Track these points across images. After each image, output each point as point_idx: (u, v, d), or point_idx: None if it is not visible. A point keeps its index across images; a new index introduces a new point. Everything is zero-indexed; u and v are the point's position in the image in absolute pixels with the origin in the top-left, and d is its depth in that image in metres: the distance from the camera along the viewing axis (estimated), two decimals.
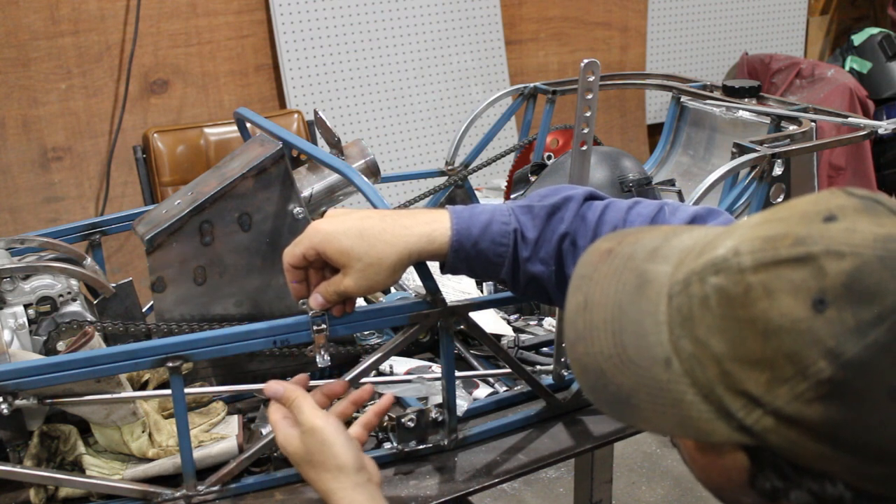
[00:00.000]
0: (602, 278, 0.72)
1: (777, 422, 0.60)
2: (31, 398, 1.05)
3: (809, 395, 0.59)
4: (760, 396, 0.60)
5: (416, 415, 1.18)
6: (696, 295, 0.64)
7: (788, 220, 0.63)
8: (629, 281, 0.70)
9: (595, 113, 1.21)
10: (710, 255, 0.65)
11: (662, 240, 0.72)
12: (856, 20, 4.44)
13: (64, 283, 1.22)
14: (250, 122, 1.43)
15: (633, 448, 2.89)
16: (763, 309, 0.60)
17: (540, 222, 1.02)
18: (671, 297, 0.66)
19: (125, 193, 2.99)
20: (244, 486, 1.13)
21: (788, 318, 0.59)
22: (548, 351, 1.42)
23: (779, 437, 0.61)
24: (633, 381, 0.66)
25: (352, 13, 3.16)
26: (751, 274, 0.61)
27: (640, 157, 1.77)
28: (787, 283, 0.60)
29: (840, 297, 0.58)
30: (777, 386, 0.60)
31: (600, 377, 0.68)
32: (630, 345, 0.67)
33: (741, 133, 1.77)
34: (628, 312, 0.68)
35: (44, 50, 2.79)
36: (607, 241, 0.76)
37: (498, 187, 1.99)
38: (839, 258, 0.59)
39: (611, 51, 3.81)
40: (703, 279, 0.64)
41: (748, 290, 0.61)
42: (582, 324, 0.70)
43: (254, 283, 1.27)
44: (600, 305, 0.70)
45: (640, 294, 0.68)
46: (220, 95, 3.09)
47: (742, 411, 0.62)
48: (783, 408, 0.60)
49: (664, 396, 0.65)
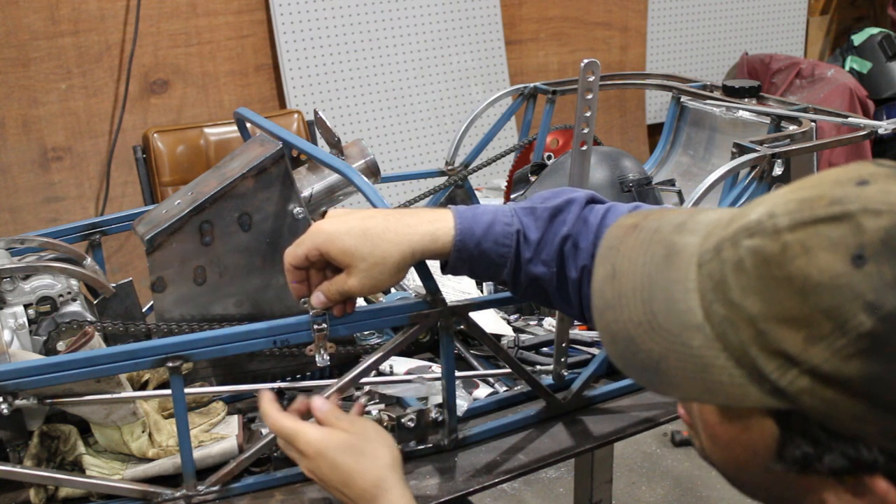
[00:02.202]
0: (629, 249, 0.72)
1: (813, 381, 0.60)
2: (31, 398, 1.05)
3: (848, 350, 0.59)
4: (797, 355, 0.61)
5: (416, 415, 1.18)
6: (730, 259, 0.64)
7: (821, 186, 0.64)
8: (657, 252, 0.71)
9: (595, 113, 1.21)
10: (742, 221, 0.65)
11: (688, 216, 0.73)
12: (856, 20, 4.44)
13: (64, 283, 1.22)
14: (250, 122, 1.43)
15: (633, 448, 2.89)
16: (801, 266, 0.60)
17: (542, 224, 1.02)
18: (701, 265, 0.67)
19: (125, 193, 3.00)
20: (244, 486, 1.13)
21: (827, 274, 0.59)
22: (548, 351, 1.42)
23: (813, 398, 0.61)
24: (663, 348, 0.67)
25: (352, 13, 3.16)
26: (787, 233, 0.62)
27: (640, 157, 1.77)
28: (826, 240, 0.60)
29: (879, 252, 0.59)
30: (814, 343, 0.60)
31: (630, 344, 0.69)
32: (660, 312, 0.68)
33: (741, 133, 1.77)
34: (657, 281, 0.69)
35: (44, 50, 2.79)
36: (632, 217, 0.77)
37: (498, 187, 1.99)
38: (877, 215, 0.60)
39: (611, 51, 3.81)
40: (736, 243, 0.64)
41: (785, 248, 0.61)
42: (610, 292, 0.71)
43: (254, 283, 1.27)
44: (629, 274, 0.71)
45: (668, 264, 0.69)
46: (220, 95, 3.09)
47: (776, 372, 0.62)
48: (820, 365, 0.60)
49: (694, 362, 0.65)
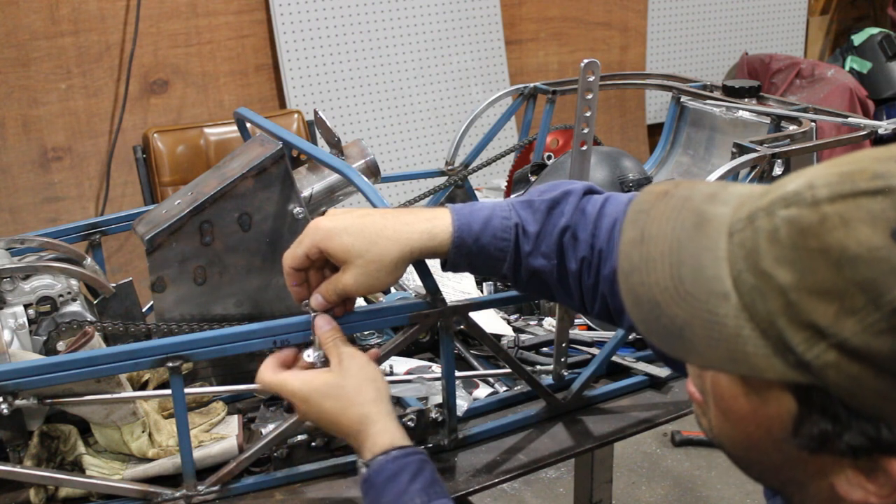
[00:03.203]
0: (659, 215, 0.72)
1: (840, 355, 0.60)
2: (31, 398, 1.05)
3: (881, 325, 0.58)
4: (827, 327, 0.60)
5: (416, 415, 1.18)
6: (764, 228, 0.64)
7: (863, 161, 0.63)
8: (687, 219, 0.70)
9: (595, 113, 1.21)
10: (779, 191, 0.65)
11: (720, 187, 0.72)
12: (856, 20, 4.44)
13: (64, 283, 1.22)
14: (250, 122, 1.43)
15: (633, 448, 2.89)
16: (838, 238, 0.60)
17: (541, 216, 1.02)
18: (732, 233, 0.66)
19: (125, 193, 2.99)
20: (244, 486, 1.13)
21: (865, 247, 0.59)
22: (548, 351, 1.42)
23: (839, 374, 0.60)
24: (688, 314, 0.66)
25: (352, 13, 3.16)
26: (827, 204, 0.61)
27: (640, 157, 1.77)
28: (866, 213, 0.59)
29: None
30: (846, 317, 0.59)
31: (654, 308, 0.68)
32: (687, 277, 0.67)
33: (741, 133, 1.77)
34: (687, 247, 0.68)
35: (44, 50, 2.79)
36: (662, 185, 0.76)
37: (498, 187, 1.99)
38: None
39: (611, 51, 3.81)
40: (771, 213, 0.64)
41: (823, 219, 0.60)
42: (637, 256, 0.70)
43: (254, 283, 1.27)
44: (658, 238, 0.70)
45: (698, 231, 0.68)
46: (220, 95, 3.09)
47: (803, 345, 0.61)
48: (850, 339, 0.59)
49: (719, 330, 0.64)
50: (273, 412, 1.23)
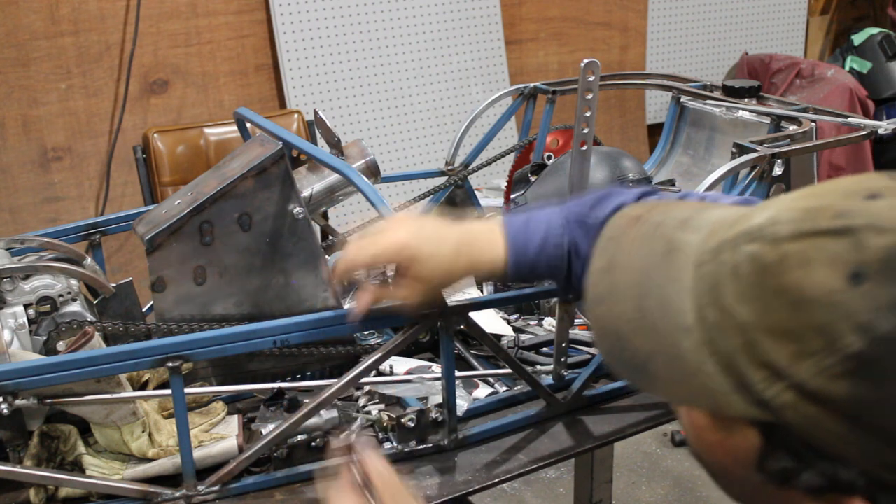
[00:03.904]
0: (629, 242, 0.71)
1: (798, 397, 0.59)
2: (31, 398, 1.05)
3: (836, 370, 0.57)
4: (784, 369, 0.59)
5: (416, 415, 1.18)
6: (727, 263, 0.63)
7: (830, 195, 0.62)
8: (657, 247, 0.69)
9: (595, 113, 1.21)
10: (746, 224, 0.63)
11: (694, 211, 0.71)
12: (856, 20, 4.44)
13: (64, 283, 1.22)
14: (250, 122, 1.43)
15: (633, 448, 2.89)
16: (797, 278, 0.58)
17: (594, 236, 1.02)
18: (699, 265, 0.65)
19: (125, 193, 2.99)
20: (244, 486, 1.13)
21: (822, 290, 0.57)
22: (548, 351, 1.42)
23: (797, 414, 0.59)
24: (652, 347, 0.65)
25: (352, 13, 3.16)
26: (788, 242, 0.60)
27: (640, 157, 1.76)
28: (825, 254, 0.58)
29: (878, 272, 0.57)
30: (803, 359, 0.58)
31: (619, 340, 0.67)
32: (652, 310, 0.66)
33: (741, 133, 1.77)
34: (653, 278, 0.67)
35: (44, 50, 2.79)
36: (637, 208, 0.75)
37: (498, 187, 1.99)
38: (880, 233, 0.58)
39: (611, 51, 3.81)
40: (735, 247, 0.63)
41: (783, 258, 0.59)
42: (604, 286, 0.70)
43: (254, 283, 1.27)
44: (625, 268, 0.69)
45: (666, 261, 0.67)
46: (220, 95, 3.09)
47: (762, 384, 0.60)
48: (807, 382, 0.58)
49: (682, 365, 0.64)
50: (273, 412, 1.23)
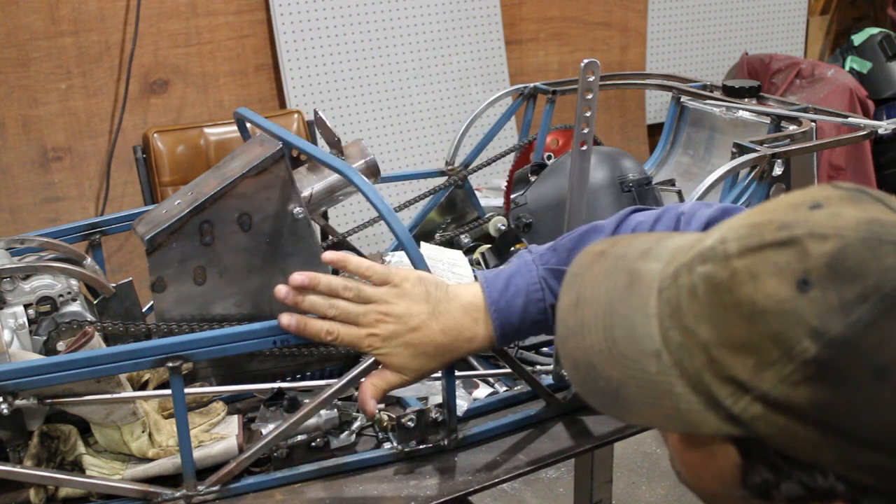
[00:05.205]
0: (594, 277, 0.73)
1: (765, 408, 0.60)
2: (31, 398, 1.05)
3: (796, 377, 0.59)
4: (747, 381, 0.61)
5: (416, 415, 1.18)
6: (685, 285, 0.65)
7: (776, 210, 0.64)
8: (620, 279, 0.71)
9: (595, 113, 1.21)
10: (699, 247, 0.66)
11: (655, 241, 0.74)
12: (856, 20, 4.44)
13: (64, 283, 1.22)
14: (250, 122, 1.43)
15: (633, 448, 2.89)
16: (748, 292, 0.61)
17: None
18: (661, 290, 0.67)
19: (125, 193, 2.99)
20: (244, 486, 1.13)
21: (773, 300, 0.60)
22: (548, 351, 1.42)
23: (767, 425, 0.61)
24: (623, 375, 0.67)
25: (352, 13, 3.16)
26: (736, 259, 0.62)
27: (640, 157, 1.77)
28: (772, 266, 0.61)
29: (823, 277, 0.59)
30: (764, 370, 0.60)
31: (591, 371, 0.69)
32: (620, 339, 0.68)
33: (741, 133, 1.77)
34: (619, 308, 0.69)
35: (44, 50, 2.79)
36: (601, 244, 0.78)
37: (498, 187, 1.99)
38: (822, 240, 0.60)
39: (611, 51, 3.81)
40: (691, 269, 0.65)
41: (733, 274, 0.62)
42: (573, 320, 0.72)
43: (254, 283, 1.27)
44: (592, 302, 0.71)
45: (630, 290, 0.70)
46: (220, 95, 3.09)
47: (730, 399, 0.62)
48: (770, 392, 0.60)
49: (653, 389, 0.65)
50: (273, 412, 1.23)
